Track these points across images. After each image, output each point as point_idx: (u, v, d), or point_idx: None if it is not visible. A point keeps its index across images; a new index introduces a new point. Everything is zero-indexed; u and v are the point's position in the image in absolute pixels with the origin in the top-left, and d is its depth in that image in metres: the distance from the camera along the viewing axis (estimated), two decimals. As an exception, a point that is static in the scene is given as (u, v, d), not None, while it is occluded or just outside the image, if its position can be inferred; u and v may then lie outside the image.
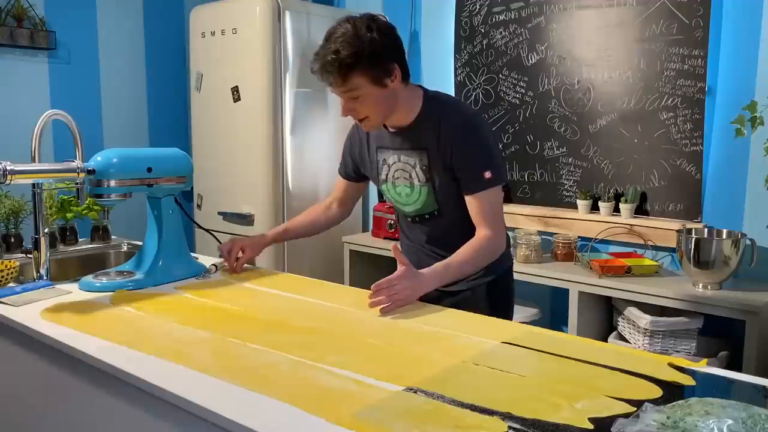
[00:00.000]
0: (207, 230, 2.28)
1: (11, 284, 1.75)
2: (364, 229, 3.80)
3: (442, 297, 1.66)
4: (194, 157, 3.50)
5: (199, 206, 3.62)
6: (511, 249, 2.78)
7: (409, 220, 1.77)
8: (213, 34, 3.40)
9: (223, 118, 3.40)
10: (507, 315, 1.77)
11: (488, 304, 1.70)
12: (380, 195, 3.48)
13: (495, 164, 1.62)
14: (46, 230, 1.81)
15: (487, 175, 1.59)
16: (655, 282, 2.47)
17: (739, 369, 2.20)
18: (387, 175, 1.73)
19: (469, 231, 1.64)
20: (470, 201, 1.62)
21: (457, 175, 1.62)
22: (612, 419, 0.94)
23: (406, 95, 1.62)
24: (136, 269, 1.78)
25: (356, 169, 1.87)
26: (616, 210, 2.78)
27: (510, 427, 0.93)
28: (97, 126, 3.76)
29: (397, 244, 1.64)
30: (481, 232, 1.62)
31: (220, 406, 1.01)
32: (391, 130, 1.69)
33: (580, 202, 2.87)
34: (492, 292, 1.73)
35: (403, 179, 1.69)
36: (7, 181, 1.54)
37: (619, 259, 2.62)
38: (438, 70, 3.44)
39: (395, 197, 1.75)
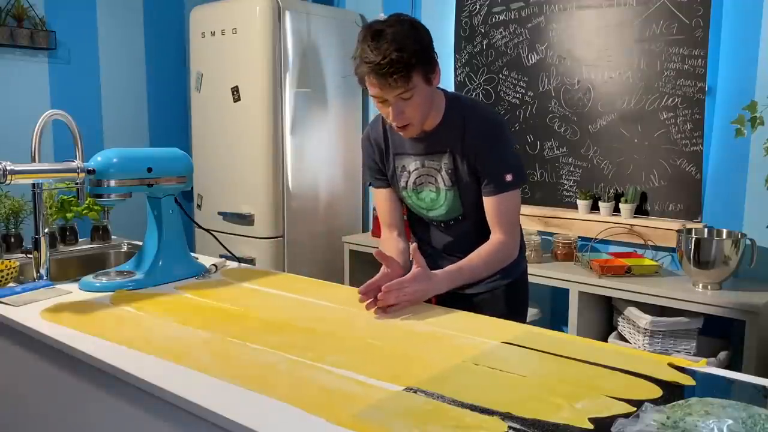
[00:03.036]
0: (207, 230, 2.28)
1: (11, 284, 1.75)
2: (364, 229, 3.80)
3: (459, 299, 1.65)
4: (194, 157, 3.50)
5: (199, 206, 3.62)
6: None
7: (434, 225, 1.73)
8: (213, 34, 3.40)
9: (223, 118, 3.40)
10: (523, 317, 1.76)
11: (506, 306, 1.69)
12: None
13: (516, 166, 1.62)
14: (46, 230, 1.81)
15: (508, 177, 1.58)
16: (655, 282, 2.47)
17: (739, 369, 2.20)
18: (407, 182, 1.68)
19: (488, 235, 1.63)
20: (488, 202, 1.60)
21: (478, 177, 1.60)
22: (612, 419, 0.94)
23: (434, 98, 1.59)
24: (136, 269, 1.78)
25: (383, 174, 1.74)
26: (616, 210, 2.78)
27: (510, 427, 0.93)
28: (97, 126, 3.76)
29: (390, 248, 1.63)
30: (495, 237, 1.61)
31: (220, 406, 1.01)
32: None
33: (580, 202, 2.87)
34: (510, 294, 1.72)
35: (428, 184, 1.65)
36: (7, 181, 1.54)
37: (619, 259, 2.62)
38: (438, 70, 3.43)
39: (418, 203, 1.70)
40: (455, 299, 1.63)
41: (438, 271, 1.56)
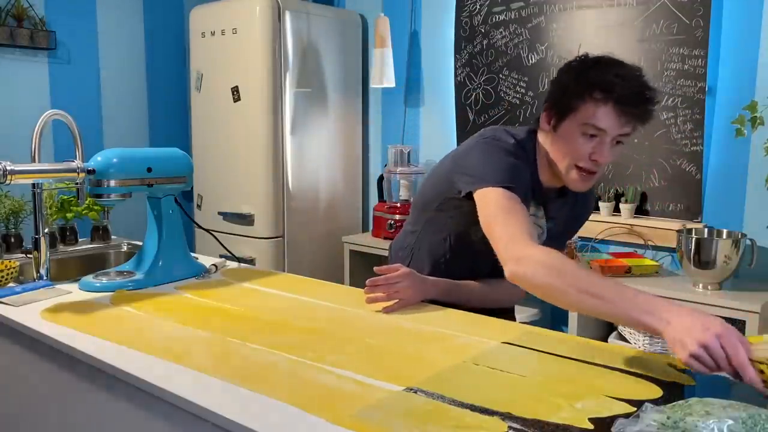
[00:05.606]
0: (207, 230, 2.28)
1: (11, 284, 1.75)
2: (364, 229, 3.80)
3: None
4: (194, 157, 3.50)
5: (199, 206, 3.62)
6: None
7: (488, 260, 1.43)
8: (213, 34, 3.40)
9: (223, 118, 3.40)
10: (510, 314, 1.76)
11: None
12: (381, 194, 3.48)
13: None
14: (46, 230, 1.81)
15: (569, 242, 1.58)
16: (655, 282, 2.47)
17: (739, 369, 2.20)
18: None
19: None
20: None
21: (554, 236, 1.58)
22: (612, 419, 0.94)
23: None
24: (136, 269, 1.78)
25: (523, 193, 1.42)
26: (616, 210, 2.78)
27: (510, 427, 0.93)
28: (97, 126, 3.76)
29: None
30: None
31: (220, 406, 1.01)
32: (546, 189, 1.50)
33: (580, 202, 2.87)
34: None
35: (536, 235, 1.45)
36: (7, 181, 1.54)
37: (619, 259, 2.62)
38: (438, 70, 3.44)
39: None
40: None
41: (432, 278, 1.56)
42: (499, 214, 1.34)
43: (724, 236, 2.42)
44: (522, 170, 1.42)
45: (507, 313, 1.71)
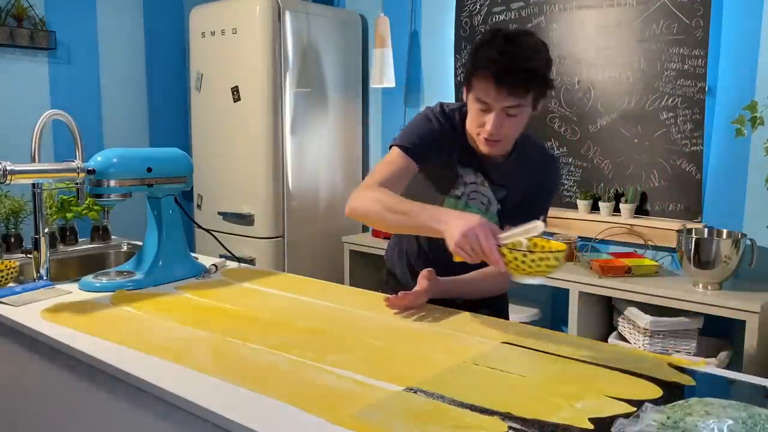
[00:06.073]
0: (207, 230, 2.28)
1: (11, 284, 1.75)
2: (364, 229, 3.80)
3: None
4: (194, 157, 3.50)
5: (199, 206, 3.62)
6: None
7: None
8: (213, 34, 3.40)
9: (223, 118, 3.40)
10: (504, 313, 1.76)
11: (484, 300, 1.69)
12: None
13: (547, 212, 1.65)
14: (46, 230, 1.81)
15: (540, 218, 1.56)
16: (655, 282, 2.47)
17: (739, 369, 2.20)
18: (464, 193, 1.61)
19: None
20: None
21: (519, 207, 1.59)
22: (612, 419, 0.94)
23: None
24: (136, 269, 1.78)
25: (426, 158, 1.55)
26: (616, 210, 2.78)
27: (510, 427, 0.93)
28: (97, 126, 3.76)
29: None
30: None
31: (220, 406, 1.01)
32: (486, 157, 1.56)
33: (580, 202, 2.87)
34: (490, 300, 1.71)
35: (480, 203, 1.60)
36: (7, 181, 1.54)
37: (619, 259, 2.62)
38: (438, 70, 3.44)
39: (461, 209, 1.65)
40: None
41: (446, 279, 1.57)
42: (378, 165, 1.56)
43: (724, 236, 2.42)
44: (436, 134, 1.55)
45: (501, 313, 1.71)
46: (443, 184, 1.61)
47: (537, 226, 1.25)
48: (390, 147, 1.57)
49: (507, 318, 1.79)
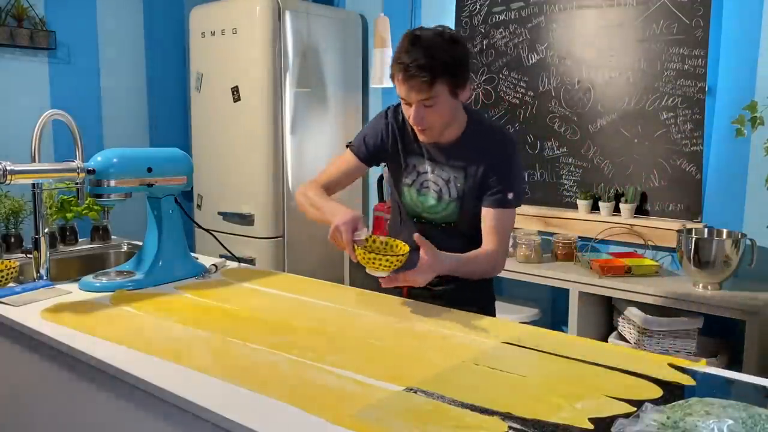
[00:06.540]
0: (207, 230, 2.28)
1: (11, 284, 1.75)
2: (364, 229, 3.79)
3: (424, 291, 1.67)
4: (194, 157, 3.50)
5: (199, 206, 3.62)
6: (511, 248, 2.80)
7: (422, 222, 1.76)
8: (213, 34, 3.40)
9: (223, 118, 3.40)
10: (490, 310, 1.77)
11: (473, 301, 1.69)
12: (381, 194, 3.48)
13: (519, 189, 1.68)
14: (46, 230, 1.81)
15: (510, 195, 1.64)
16: (655, 282, 2.47)
17: (739, 369, 2.20)
18: (414, 181, 1.73)
19: (470, 245, 1.66)
20: (486, 214, 1.66)
21: (481, 190, 1.66)
22: (612, 419, 0.94)
23: (458, 112, 1.64)
24: (136, 269, 1.78)
25: (376, 154, 1.77)
26: (616, 210, 2.78)
27: (510, 427, 0.93)
28: (97, 126, 3.76)
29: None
30: (489, 247, 1.65)
31: (220, 406, 1.01)
32: (435, 143, 1.68)
33: (580, 202, 2.87)
34: (477, 288, 1.73)
35: (433, 191, 1.70)
36: (7, 181, 1.54)
37: (619, 259, 2.62)
38: (438, 70, 3.43)
39: (414, 202, 1.75)
40: (423, 291, 1.66)
41: (447, 254, 1.56)
42: (329, 162, 1.85)
43: (724, 236, 2.42)
44: (384, 131, 1.74)
45: (488, 311, 1.71)
46: (396, 175, 1.77)
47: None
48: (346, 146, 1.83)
49: (492, 292, 1.83)
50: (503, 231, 1.67)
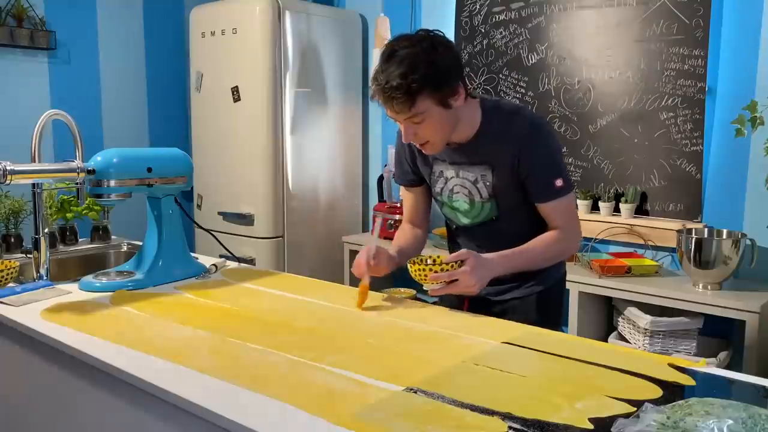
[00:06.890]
0: (207, 230, 2.28)
1: (11, 284, 1.75)
2: (364, 229, 3.80)
3: (489, 304, 1.63)
4: (194, 157, 3.50)
5: (199, 206, 3.62)
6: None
7: (468, 226, 1.69)
8: (213, 34, 3.40)
9: (223, 118, 3.40)
10: (556, 325, 1.70)
11: (538, 314, 1.64)
12: (381, 194, 3.49)
13: (564, 171, 1.57)
14: (46, 230, 1.81)
15: (558, 183, 1.53)
16: (655, 282, 2.47)
17: (739, 369, 2.20)
18: (443, 188, 1.66)
19: (527, 235, 1.58)
20: (543, 209, 1.57)
21: (524, 183, 1.56)
22: (612, 419, 0.94)
23: (465, 111, 1.52)
24: (136, 269, 1.78)
25: (416, 172, 1.72)
26: (616, 210, 2.78)
27: (510, 427, 0.93)
28: (97, 126, 3.76)
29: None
30: (554, 230, 1.58)
31: (220, 406, 1.01)
32: (449, 145, 1.58)
33: (580, 202, 2.87)
34: (543, 301, 1.67)
35: (463, 195, 1.62)
36: (7, 181, 1.54)
37: (619, 259, 2.62)
38: (438, 70, 3.43)
39: (450, 210, 1.68)
40: (486, 303, 1.63)
41: (490, 254, 1.51)
42: None
43: (724, 236, 2.42)
44: (400, 151, 1.73)
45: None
46: (431, 187, 1.72)
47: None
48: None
49: (562, 305, 1.77)
50: (566, 217, 1.57)
